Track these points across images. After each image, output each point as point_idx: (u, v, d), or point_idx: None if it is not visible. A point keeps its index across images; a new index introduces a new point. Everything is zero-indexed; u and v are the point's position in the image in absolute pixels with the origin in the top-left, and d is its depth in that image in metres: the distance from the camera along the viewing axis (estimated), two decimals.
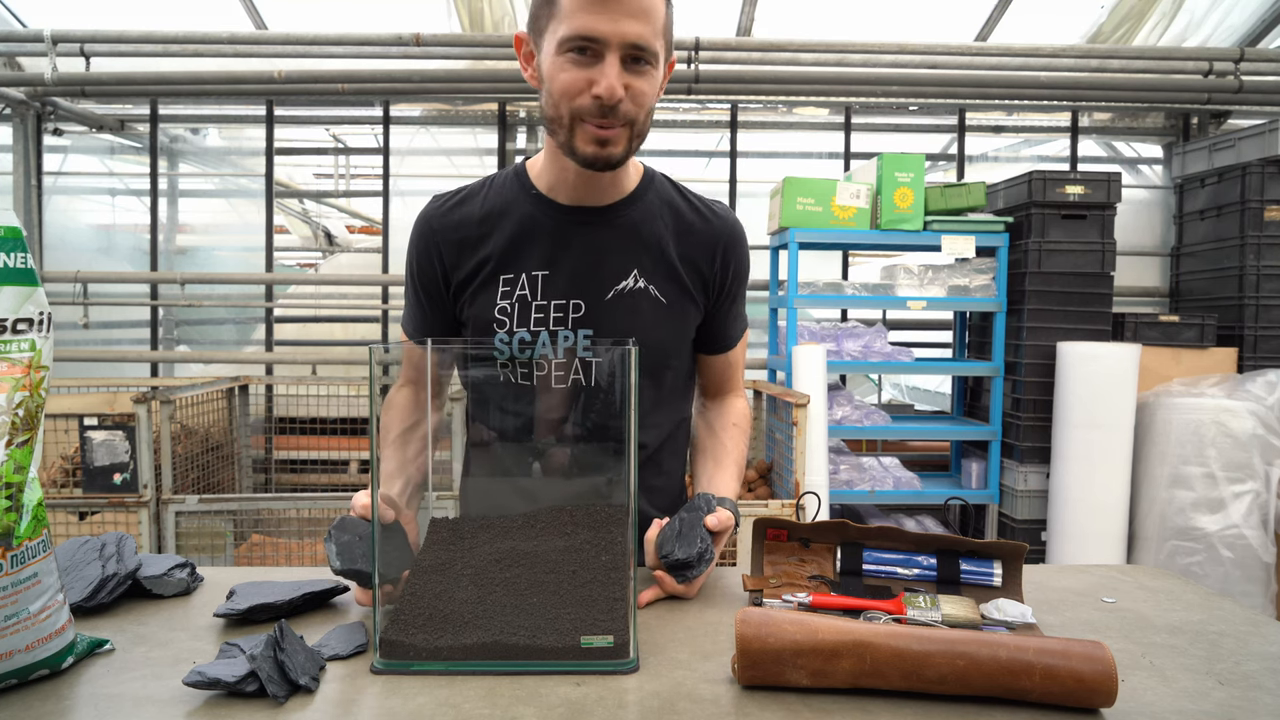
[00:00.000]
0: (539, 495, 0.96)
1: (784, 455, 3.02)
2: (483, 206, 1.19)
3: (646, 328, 1.17)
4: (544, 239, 1.16)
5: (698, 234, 1.21)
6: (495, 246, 1.16)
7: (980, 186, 3.37)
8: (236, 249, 4.39)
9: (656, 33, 1.03)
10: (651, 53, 1.03)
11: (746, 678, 0.79)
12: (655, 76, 1.06)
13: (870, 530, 1.05)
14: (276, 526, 3.17)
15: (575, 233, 1.16)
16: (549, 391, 1.04)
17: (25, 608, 0.78)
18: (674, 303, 1.19)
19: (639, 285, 1.16)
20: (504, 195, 1.19)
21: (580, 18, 0.99)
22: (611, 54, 1.01)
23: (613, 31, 0.99)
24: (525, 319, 1.15)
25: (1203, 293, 3.79)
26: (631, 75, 1.03)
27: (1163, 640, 0.94)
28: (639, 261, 1.17)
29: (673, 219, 1.20)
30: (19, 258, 0.82)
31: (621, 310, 1.16)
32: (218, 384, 3.40)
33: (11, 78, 3.80)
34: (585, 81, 1.02)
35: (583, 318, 1.15)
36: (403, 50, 3.69)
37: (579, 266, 1.16)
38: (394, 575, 0.89)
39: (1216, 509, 3.11)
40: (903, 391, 5.50)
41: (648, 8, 1.01)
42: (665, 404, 1.24)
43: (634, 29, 1.00)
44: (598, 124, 1.04)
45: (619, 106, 1.02)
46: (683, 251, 1.20)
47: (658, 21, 1.03)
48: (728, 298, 1.25)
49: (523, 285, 1.15)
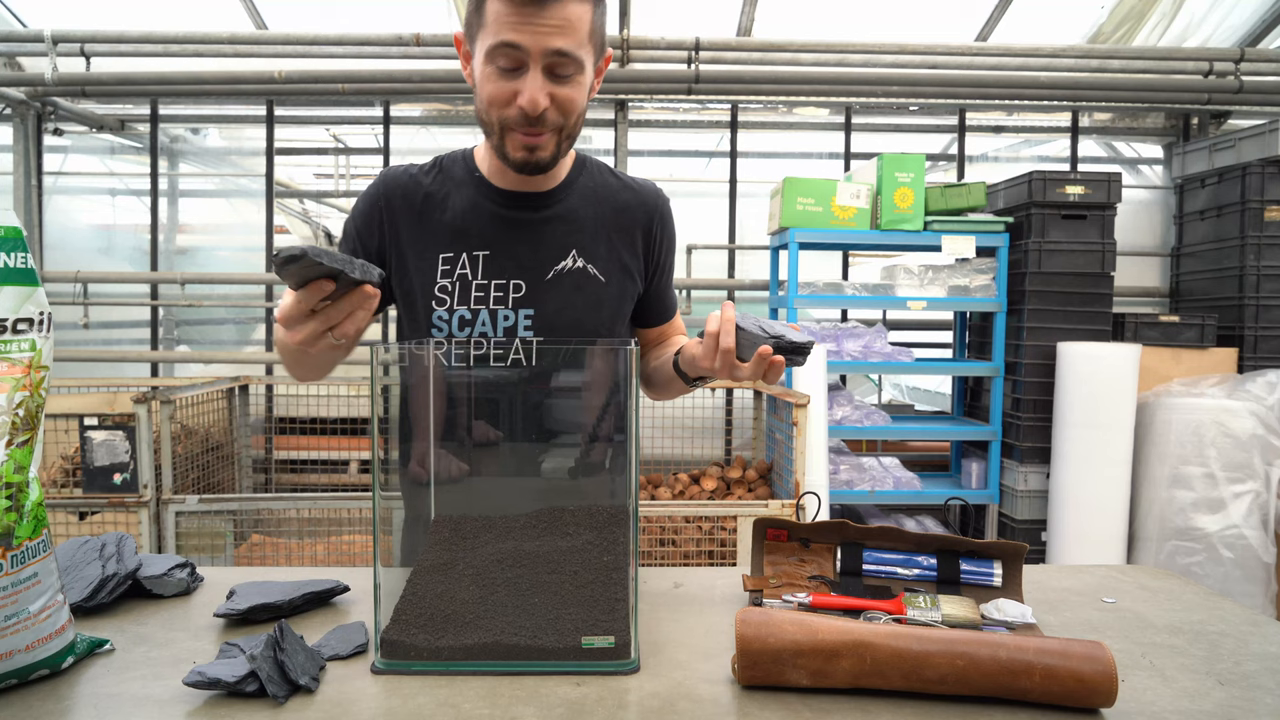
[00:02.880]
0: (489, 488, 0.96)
1: (784, 455, 3.02)
2: (432, 183, 1.22)
3: (587, 305, 1.20)
4: (485, 220, 1.19)
5: (632, 211, 1.25)
6: (439, 223, 1.19)
7: (980, 187, 3.37)
8: (236, 249, 4.39)
9: (580, 41, 1.04)
10: (575, 61, 1.05)
11: (746, 678, 0.79)
12: (582, 82, 1.08)
13: (870, 530, 1.05)
14: (276, 526, 3.17)
15: (515, 216, 1.19)
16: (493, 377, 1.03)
17: (25, 608, 0.78)
18: (612, 280, 1.22)
19: (578, 265, 1.20)
20: (452, 176, 1.22)
21: (503, 30, 1.02)
22: (534, 65, 1.03)
23: (534, 43, 1.02)
24: (466, 297, 1.17)
25: (1203, 293, 3.79)
26: (556, 84, 1.05)
27: (1163, 640, 0.94)
28: (577, 242, 1.20)
29: (608, 199, 1.24)
30: (19, 258, 0.82)
31: (562, 289, 1.19)
32: (218, 384, 3.40)
33: (12, 78, 3.80)
34: (510, 93, 1.05)
35: (523, 297, 1.18)
36: (403, 50, 3.69)
37: (519, 248, 1.18)
38: None
39: (1216, 509, 3.11)
40: (903, 391, 5.50)
41: (571, 18, 1.02)
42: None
43: (557, 40, 1.02)
44: (524, 132, 1.07)
45: (544, 115, 1.06)
46: (619, 229, 1.23)
47: (581, 30, 1.04)
48: (664, 269, 1.30)
49: (463, 264, 1.17)
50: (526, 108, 1.04)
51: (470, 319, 1.17)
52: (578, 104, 1.08)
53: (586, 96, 1.11)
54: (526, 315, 1.17)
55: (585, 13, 1.04)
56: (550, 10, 1.01)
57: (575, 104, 1.08)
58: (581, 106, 1.10)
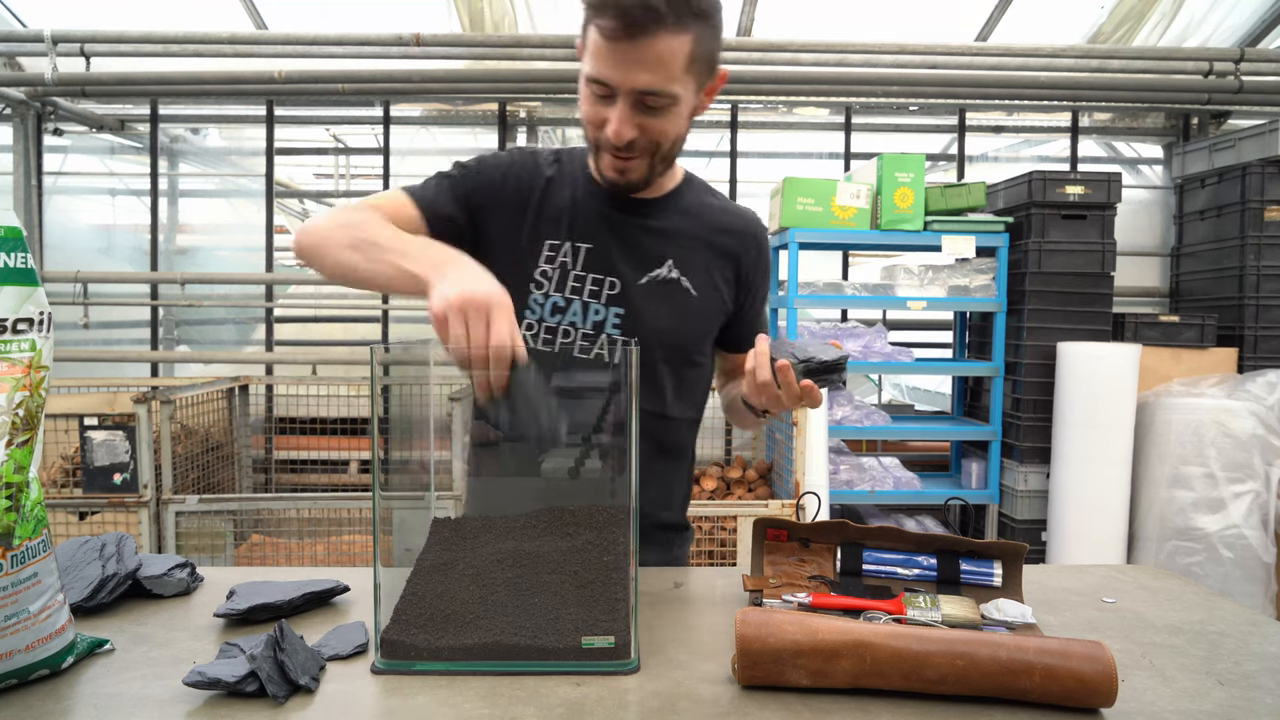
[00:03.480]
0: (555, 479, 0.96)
1: (784, 455, 3.02)
2: (553, 172, 1.24)
3: (675, 315, 1.22)
4: (592, 216, 1.21)
5: (730, 235, 1.27)
6: (552, 209, 1.21)
7: (980, 186, 3.37)
8: (236, 249, 4.39)
9: (672, 75, 1.04)
10: (666, 95, 1.05)
11: (746, 678, 0.79)
12: (676, 112, 1.08)
13: (870, 530, 1.05)
14: (276, 526, 3.17)
15: (619, 218, 1.21)
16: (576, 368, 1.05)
17: (25, 608, 0.78)
18: (703, 296, 1.24)
19: (672, 275, 1.22)
20: (570, 170, 1.24)
21: (596, 62, 1.04)
22: (623, 99, 1.05)
23: (623, 80, 1.03)
24: (563, 285, 1.19)
25: (1203, 293, 3.79)
26: (646, 116, 1.07)
27: (1163, 640, 0.94)
28: (674, 253, 1.23)
29: (709, 219, 1.26)
30: (19, 258, 0.82)
31: (654, 295, 1.21)
32: (218, 384, 3.40)
33: (12, 78, 3.80)
34: (601, 118, 1.08)
35: (617, 296, 1.20)
36: (403, 50, 3.69)
37: (619, 248, 1.21)
38: None
39: (1216, 509, 3.11)
40: (903, 391, 5.50)
41: (662, 55, 1.01)
42: (682, 399, 1.28)
43: (643, 78, 1.03)
44: (614, 155, 1.11)
45: (633, 143, 1.08)
46: (716, 250, 1.25)
47: (674, 64, 1.03)
48: (756, 295, 1.32)
49: (566, 253, 1.20)
50: (611, 138, 1.07)
51: (563, 307, 1.19)
52: (669, 133, 1.10)
53: (685, 122, 1.12)
54: (617, 314, 1.20)
55: (681, 46, 1.02)
56: (640, 48, 1.01)
57: (666, 133, 1.10)
58: (674, 134, 1.11)
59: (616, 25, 1.00)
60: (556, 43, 3.71)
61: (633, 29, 0.99)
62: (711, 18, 1.05)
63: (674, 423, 1.27)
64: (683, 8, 1.00)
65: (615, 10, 0.99)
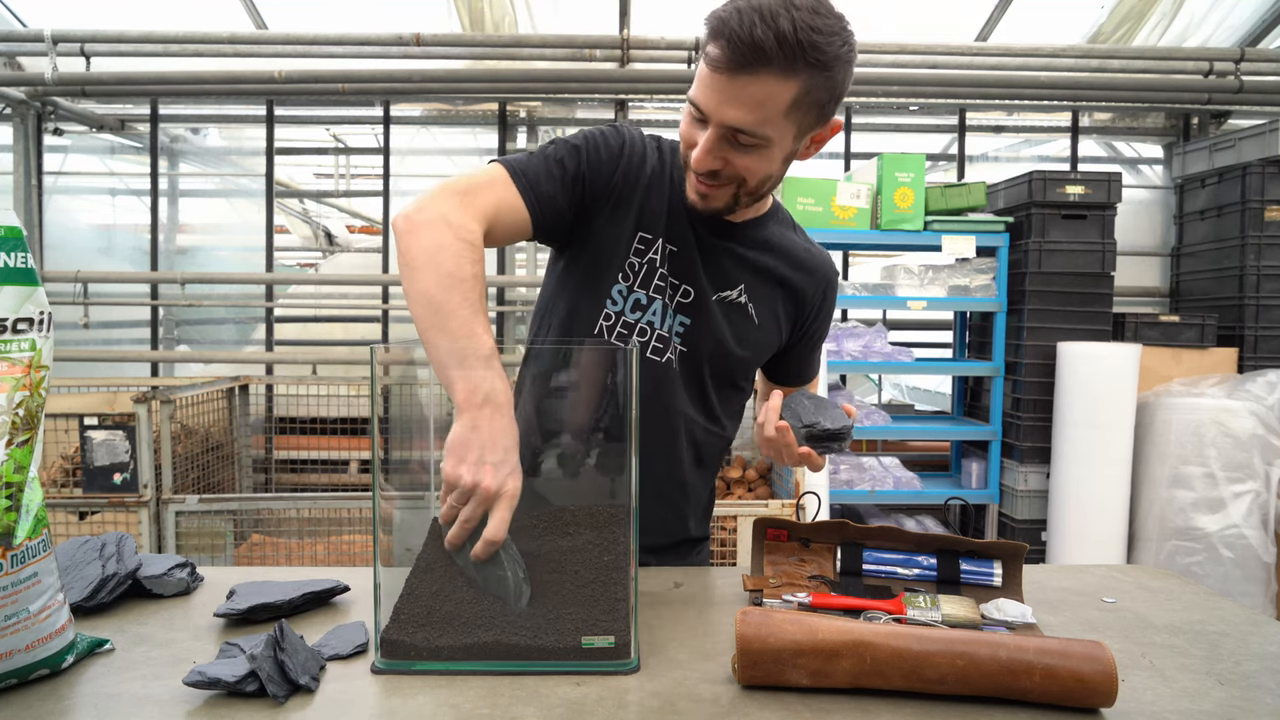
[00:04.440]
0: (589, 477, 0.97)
1: None
2: (658, 164, 1.22)
3: (736, 339, 1.23)
4: (683, 221, 1.20)
5: (804, 274, 1.27)
6: (650, 201, 1.19)
7: (980, 186, 3.37)
8: (236, 249, 4.39)
9: (767, 119, 1.00)
10: (757, 136, 1.02)
11: (746, 678, 0.79)
12: (766, 154, 1.06)
13: (870, 530, 1.05)
14: (276, 526, 3.17)
15: (707, 232, 1.21)
16: None
17: (25, 608, 0.78)
18: (764, 326, 1.24)
19: (741, 299, 1.22)
20: (673, 165, 1.22)
21: (699, 85, 1.03)
22: (713, 128, 1.03)
23: (714, 111, 1.01)
24: (648, 282, 1.19)
25: (1203, 293, 3.79)
26: (732, 151, 1.05)
27: (1163, 640, 0.94)
28: (746, 279, 1.23)
29: (788, 254, 1.26)
30: (19, 257, 0.82)
31: (720, 313, 1.22)
32: (218, 384, 3.40)
33: (12, 78, 3.80)
34: (692, 140, 1.07)
35: (688, 305, 1.20)
36: (403, 50, 3.69)
37: (698, 260, 1.20)
38: None
39: (1216, 509, 3.11)
40: (903, 391, 5.50)
41: (761, 97, 0.98)
42: (725, 416, 1.29)
43: (734, 114, 1.00)
44: (698, 178, 1.09)
45: (716, 173, 1.07)
46: (786, 285, 1.25)
47: (772, 107, 0.99)
48: (813, 337, 1.33)
49: (656, 249, 1.19)
50: (693, 164, 1.07)
51: (645, 304, 1.19)
52: (755, 172, 1.07)
53: (777, 165, 1.09)
54: (682, 322, 1.20)
55: (784, 91, 0.98)
56: (740, 84, 0.98)
57: (753, 172, 1.07)
58: (762, 174, 1.08)
59: (721, 56, 0.97)
60: (556, 43, 3.71)
61: (736, 65, 0.96)
62: (830, 69, 0.99)
63: (714, 437, 1.29)
64: (796, 54, 0.95)
65: (725, 41, 0.96)
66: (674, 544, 1.30)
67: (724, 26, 0.96)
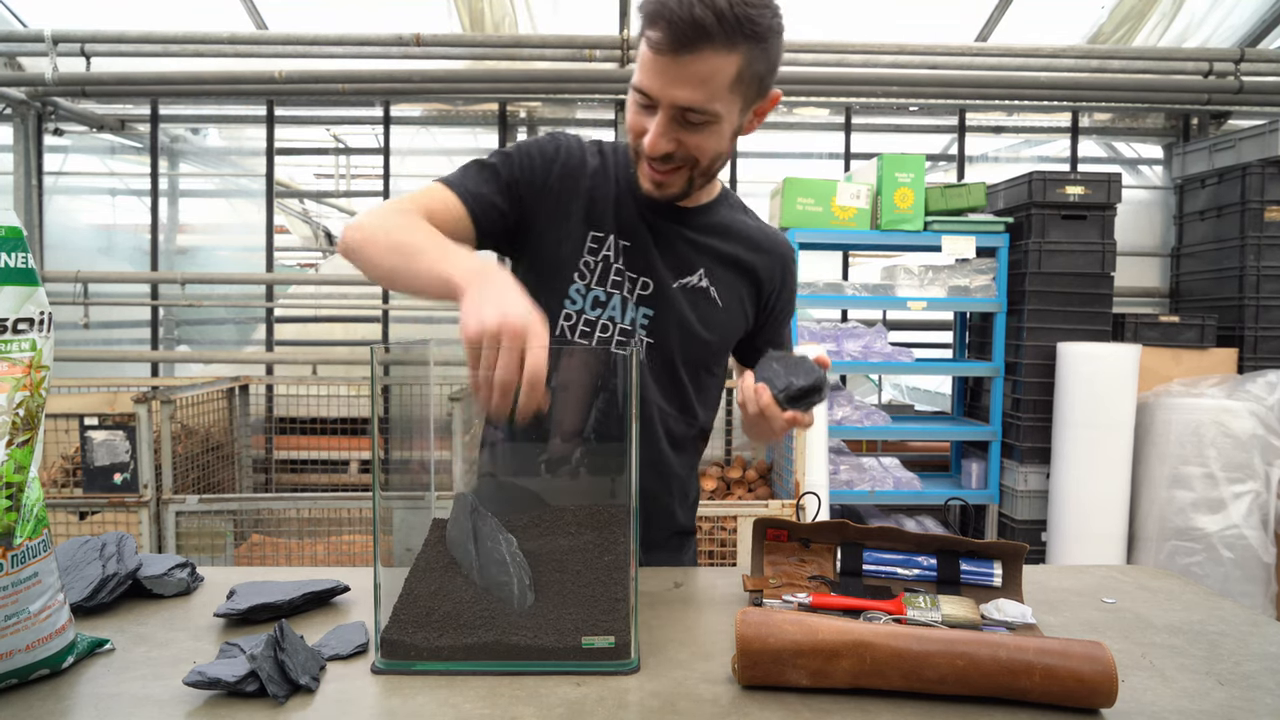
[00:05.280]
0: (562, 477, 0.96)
1: (784, 455, 3.02)
2: (598, 164, 1.23)
3: (702, 324, 1.23)
4: (634, 215, 1.21)
5: (764, 252, 1.28)
6: (596, 201, 1.21)
7: (980, 187, 3.37)
8: (237, 249, 4.39)
9: (715, 94, 1.03)
10: (706, 113, 1.04)
11: (746, 678, 0.79)
12: (716, 130, 1.07)
13: (870, 530, 1.05)
14: (276, 526, 3.17)
15: (659, 221, 1.22)
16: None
17: (25, 608, 0.78)
18: (728, 309, 1.25)
19: (703, 284, 1.23)
20: (616, 162, 1.24)
21: (642, 72, 1.05)
22: (663, 111, 1.05)
23: (663, 93, 1.03)
24: (604, 279, 1.20)
25: (1203, 293, 3.79)
26: (684, 131, 1.07)
27: (1163, 640, 0.94)
28: (706, 263, 1.24)
29: (742, 237, 1.27)
30: (19, 258, 0.82)
31: (684, 301, 1.22)
32: (218, 384, 3.40)
33: (12, 78, 3.80)
34: (640, 127, 1.09)
35: (649, 296, 1.21)
36: (403, 50, 3.69)
37: (655, 250, 1.22)
38: None
39: (1216, 509, 3.11)
40: (903, 392, 5.50)
41: (706, 73, 1.01)
42: (700, 404, 1.29)
43: (684, 94, 1.02)
44: (651, 166, 1.11)
45: (669, 155, 1.08)
46: (744, 267, 1.26)
47: (718, 82, 1.02)
48: (780, 315, 1.33)
49: (609, 246, 1.20)
50: (647, 149, 1.08)
51: (604, 300, 1.20)
52: (707, 150, 1.09)
53: (726, 141, 1.11)
54: (645, 314, 1.21)
55: (727, 65, 1.01)
56: (684, 63, 1.00)
57: (704, 150, 1.09)
58: (713, 151, 1.10)
59: (663, 38, 0.99)
60: (556, 43, 3.70)
61: (678, 44, 0.98)
62: (766, 40, 1.02)
63: (690, 427, 1.29)
64: (734, 28, 0.98)
65: (665, 23, 0.98)
66: (665, 537, 1.30)
67: (663, 9, 0.98)
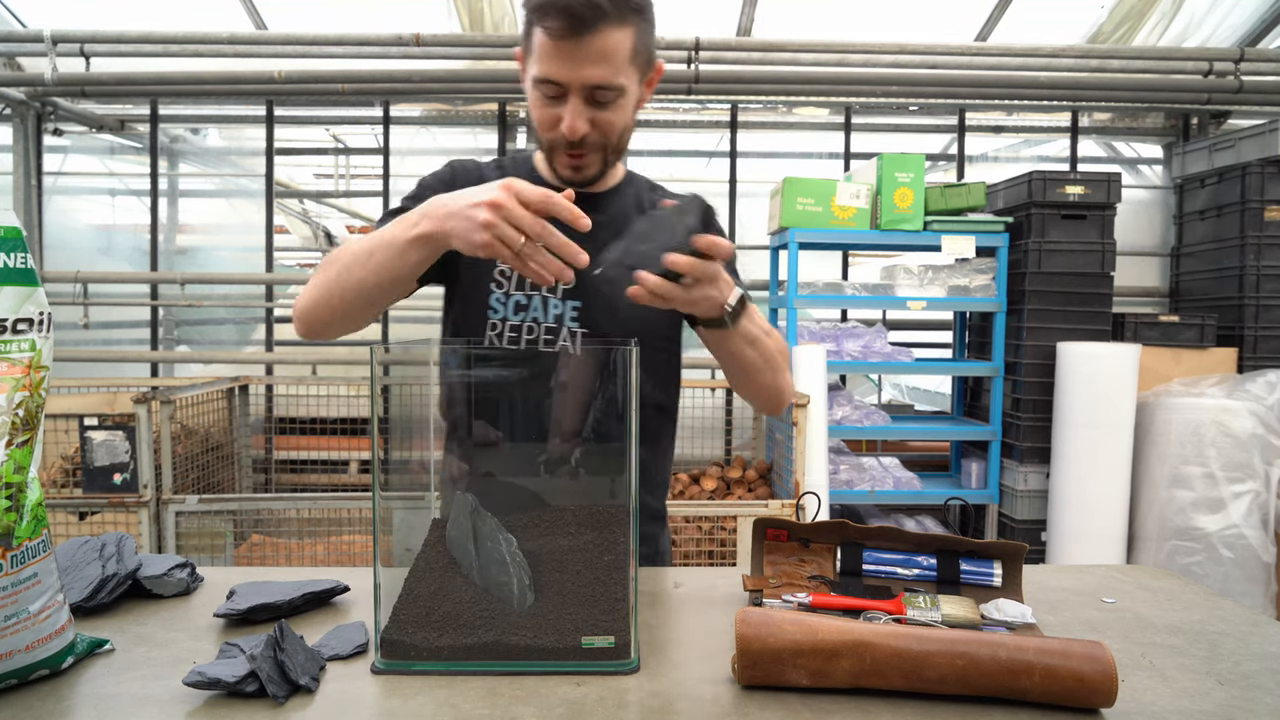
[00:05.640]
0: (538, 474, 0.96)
1: (784, 455, 3.02)
2: (494, 177, 1.24)
3: (628, 304, 1.19)
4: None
5: None
6: None
7: (980, 186, 3.37)
8: (236, 249, 4.39)
9: (618, 68, 1.09)
10: (614, 89, 1.10)
11: (746, 678, 0.79)
12: (623, 104, 1.13)
13: (870, 530, 1.04)
14: (276, 526, 3.17)
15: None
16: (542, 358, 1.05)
17: (25, 608, 0.78)
18: None
19: None
20: (516, 171, 1.29)
21: (545, 63, 1.08)
22: (574, 96, 1.09)
23: (573, 77, 1.08)
24: (522, 283, 1.22)
25: (1203, 293, 3.79)
26: (597, 110, 1.12)
27: (1163, 640, 0.94)
28: None
29: (651, 208, 1.28)
30: (19, 258, 0.82)
31: (607, 285, 1.20)
32: (218, 384, 3.40)
33: (11, 78, 3.80)
34: (554, 118, 1.12)
35: (573, 290, 1.22)
36: (403, 50, 3.69)
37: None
38: None
39: (1216, 509, 3.11)
40: (903, 391, 5.50)
41: (608, 50, 1.06)
42: (653, 385, 1.29)
43: (593, 73, 1.07)
44: (569, 154, 1.15)
45: (586, 139, 1.13)
46: None
47: (619, 57, 1.08)
48: None
49: None
50: (567, 134, 1.11)
51: (525, 304, 1.22)
52: (618, 125, 1.15)
53: (631, 114, 1.17)
54: (574, 307, 1.22)
55: (624, 39, 1.07)
56: (587, 44, 1.05)
57: (614, 126, 1.14)
58: (623, 125, 1.16)
59: (563, 24, 1.04)
60: None
61: (579, 26, 1.04)
62: (646, 11, 1.11)
63: (647, 408, 1.27)
64: (623, 3, 1.06)
65: (560, 11, 1.03)
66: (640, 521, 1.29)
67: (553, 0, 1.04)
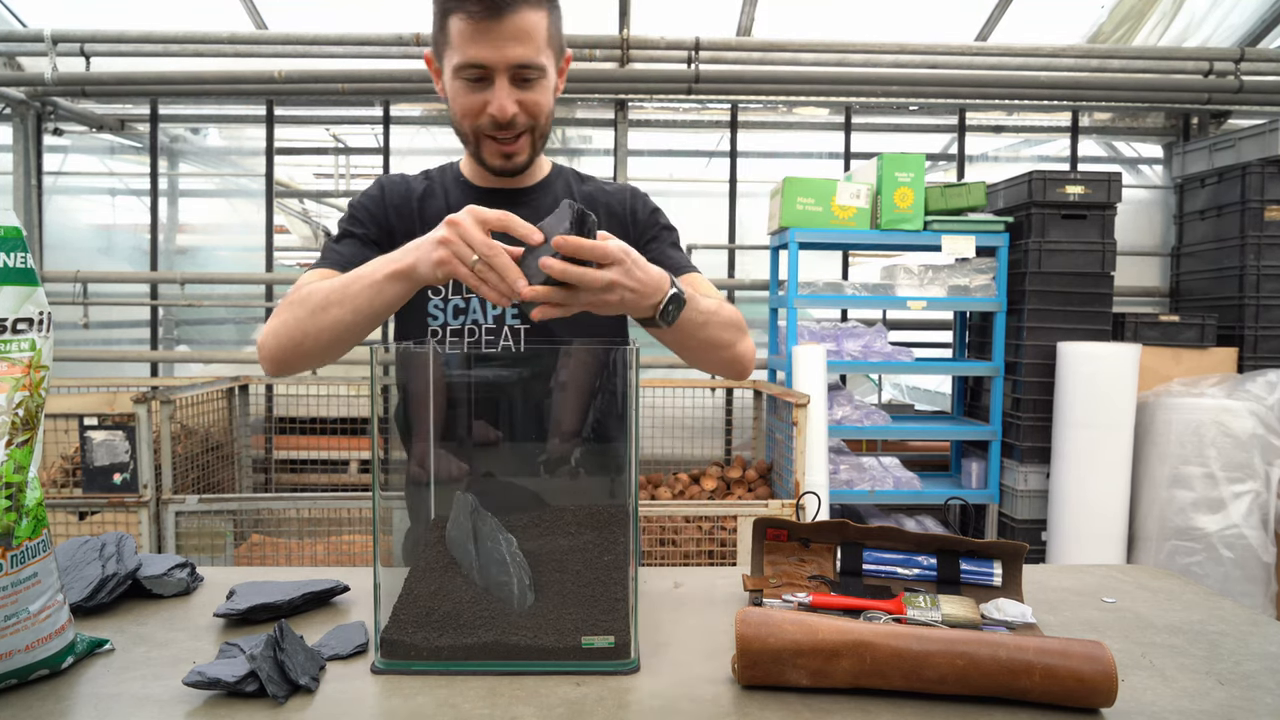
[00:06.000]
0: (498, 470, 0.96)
1: (784, 455, 3.02)
2: (424, 187, 1.30)
3: None
4: None
5: (610, 208, 1.31)
6: (431, 218, 1.25)
7: (980, 186, 3.37)
8: (236, 249, 4.39)
9: (539, 47, 1.12)
10: (537, 67, 1.13)
11: (746, 678, 0.79)
12: (546, 85, 1.17)
13: (870, 530, 1.04)
14: (276, 526, 3.17)
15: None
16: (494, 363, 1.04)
17: (25, 608, 0.78)
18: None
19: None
20: (440, 180, 1.32)
21: (467, 48, 1.10)
22: (500, 77, 1.12)
23: (498, 58, 1.10)
24: (459, 286, 1.23)
25: (1203, 293, 3.79)
26: (522, 91, 1.15)
27: (1163, 640, 0.94)
28: None
29: (583, 196, 1.32)
30: (19, 258, 0.82)
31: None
32: (218, 384, 3.40)
33: (11, 78, 3.80)
34: (480, 103, 1.15)
35: None
36: (403, 50, 3.69)
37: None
38: None
39: (1216, 509, 3.11)
40: (903, 391, 5.50)
41: (527, 29, 1.10)
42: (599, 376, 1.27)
43: (517, 52, 1.10)
44: (498, 139, 1.18)
45: (514, 120, 1.15)
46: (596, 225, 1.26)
47: (539, 37, 1.12)
48: (655, 246, 1.31)
49: None
50: (496, 115, 1.13)
51: (464, 307, 1.23)
52: (543, 106, 1.18)
53: (552, 97, 1.20)
54: (514, 304, 1.19)
55: (541, 20, 1.12)
56: (508, 24, 1.08)
57: (541, 106, 1.17)
58: (548, 108, 1.19)
59: (482, 8, 1.07)
60: None
61: (500, 7, 1.07)
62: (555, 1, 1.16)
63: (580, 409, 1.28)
64: None
65: None
66: None
67: None
